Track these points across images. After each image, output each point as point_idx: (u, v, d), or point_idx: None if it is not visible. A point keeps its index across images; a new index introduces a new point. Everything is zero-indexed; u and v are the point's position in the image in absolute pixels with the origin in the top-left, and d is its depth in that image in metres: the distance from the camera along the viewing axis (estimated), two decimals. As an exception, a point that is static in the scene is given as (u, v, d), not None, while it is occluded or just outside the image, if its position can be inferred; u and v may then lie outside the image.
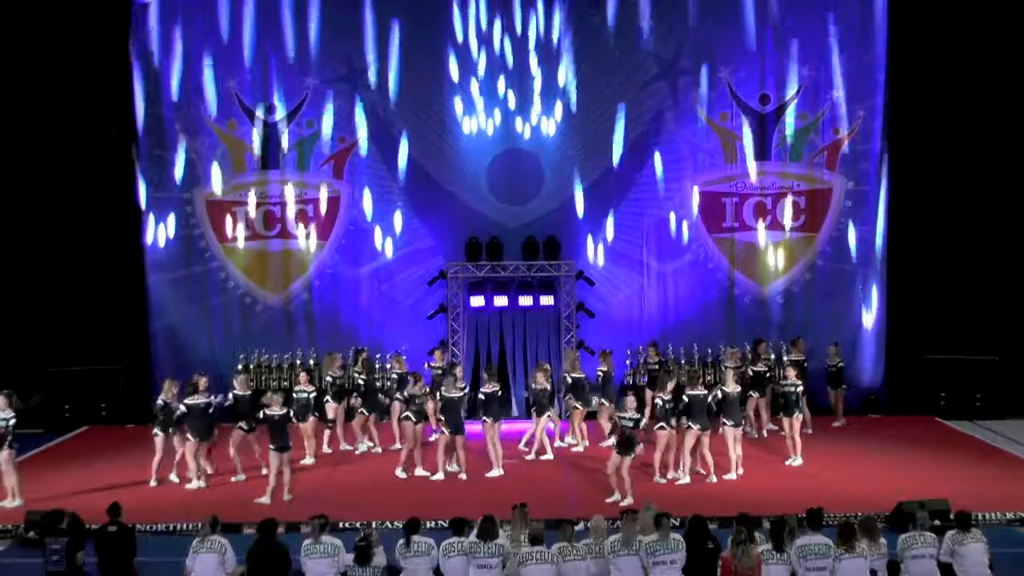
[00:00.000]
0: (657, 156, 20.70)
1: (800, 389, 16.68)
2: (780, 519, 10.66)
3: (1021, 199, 20.23)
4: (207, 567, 10.60)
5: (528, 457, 17.07)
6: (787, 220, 20.76)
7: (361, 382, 17.50)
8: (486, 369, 17.18)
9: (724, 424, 15.71)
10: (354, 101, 20.65)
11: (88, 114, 20.17)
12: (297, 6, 20.41)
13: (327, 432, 17.59)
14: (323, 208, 20.76)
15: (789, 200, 20.72)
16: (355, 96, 20.64)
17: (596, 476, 15.85)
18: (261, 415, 15.00)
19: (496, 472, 16.01)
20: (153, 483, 15.51)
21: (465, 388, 16.72)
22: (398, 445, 17.06)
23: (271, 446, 14.69)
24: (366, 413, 17.50)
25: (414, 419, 16.06)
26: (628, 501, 14.03)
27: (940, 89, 19.99)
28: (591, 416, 18.05)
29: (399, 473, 16.01)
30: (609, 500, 14.44)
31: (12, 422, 14.63)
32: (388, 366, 18.44)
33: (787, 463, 16.35)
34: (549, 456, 17.08)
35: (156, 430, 15.61)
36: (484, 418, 16.06)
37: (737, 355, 18.35)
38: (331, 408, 17.73)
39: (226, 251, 20.83)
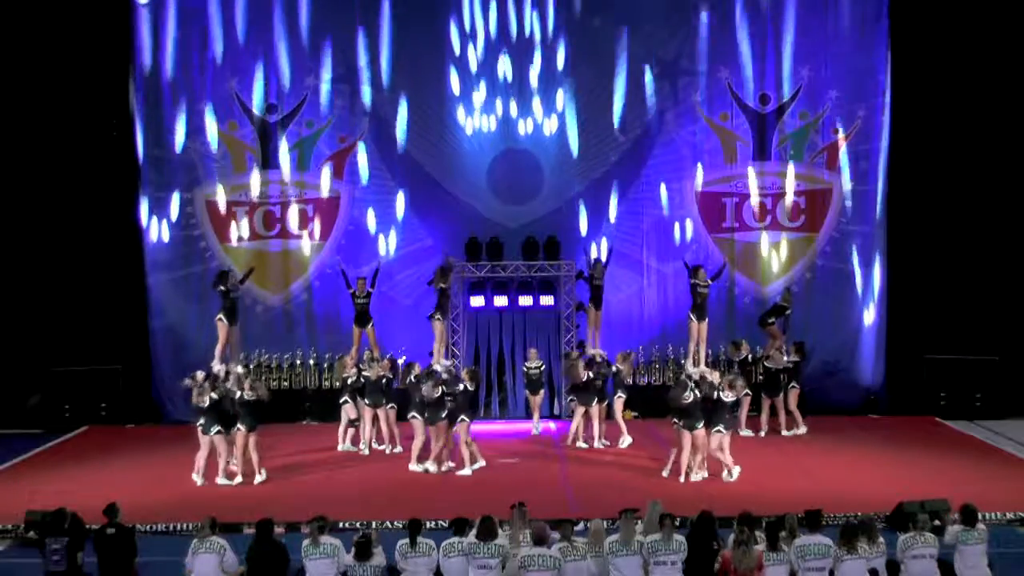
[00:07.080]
0: (657, 156, 20.70)
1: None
2: (779, 519, 10.65)
3: (1021, 199, 20.23)
4: (206, 567, 10.60)
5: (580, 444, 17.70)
6: (787, 220, 20.78)
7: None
8: (467, 370, 16.94)
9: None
10: (354, 101, 20.64)
11: (88, 114, 20.14)
12: (298, 6, 20.38)
13: (351, 430, 17.65)
14: (323, 208, 20.77)
15: (789, 200, 20.76)
16: (355, 96, 20.62)
17: (596, 476, 15.86)
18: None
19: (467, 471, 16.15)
20: (201, 481, 15.53)
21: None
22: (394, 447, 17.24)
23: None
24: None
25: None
26: None
27: (940, 89, 19.98)
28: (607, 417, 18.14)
29: (423, 467, 16.17)
30: None
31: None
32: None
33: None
34: (601, 444, 17.54)
35: (218, 428, 15.36)
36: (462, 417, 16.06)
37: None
38: (351, 408, 17.68)
39: (226, 251, 20.80)
